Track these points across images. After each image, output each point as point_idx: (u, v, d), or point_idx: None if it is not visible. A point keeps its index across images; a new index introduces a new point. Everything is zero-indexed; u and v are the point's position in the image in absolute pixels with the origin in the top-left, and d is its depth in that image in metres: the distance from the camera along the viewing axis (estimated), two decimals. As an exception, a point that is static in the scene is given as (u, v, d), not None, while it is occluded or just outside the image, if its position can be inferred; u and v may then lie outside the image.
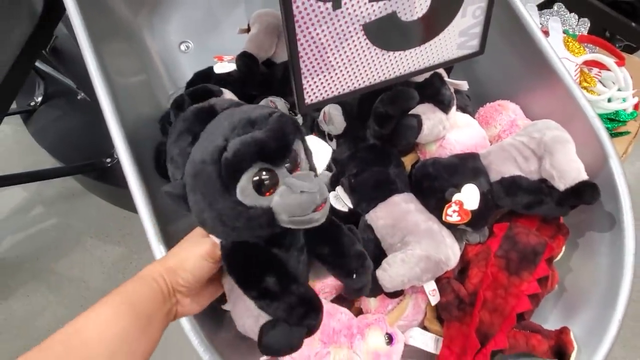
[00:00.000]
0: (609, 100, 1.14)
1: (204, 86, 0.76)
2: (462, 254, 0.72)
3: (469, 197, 0.66)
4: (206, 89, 0.75)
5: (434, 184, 0.67)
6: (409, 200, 0.69)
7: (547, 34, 1.10)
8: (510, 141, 0.68)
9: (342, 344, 0.63)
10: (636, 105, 1.21)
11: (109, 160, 1.19)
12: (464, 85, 0.72)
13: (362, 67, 0.45)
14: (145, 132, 0.78)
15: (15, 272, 1.25)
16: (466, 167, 0.67)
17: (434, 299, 0.65)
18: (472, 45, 0.49)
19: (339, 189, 0.70)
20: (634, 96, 1.15)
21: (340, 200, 0.69)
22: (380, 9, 0.41)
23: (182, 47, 0.93)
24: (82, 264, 1.26)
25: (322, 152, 0.45)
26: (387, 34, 0.43)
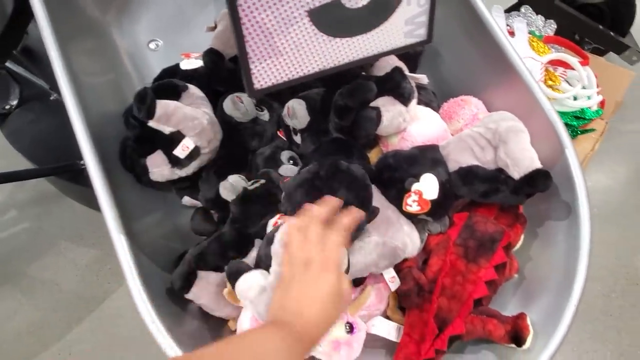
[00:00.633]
0: (575, 98, 1.17)
1: (169, 81, 0.78)
2: (424, 245, 0.73)
3: (428, 187, 0.67)
4: (171, 84, 0.76)
5: (394, 175, 0.69)
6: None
7: (512, 34, 1.13)
8: (467, 132, 0.70)
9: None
10: (602, 103, 1.25)
11: (82, 162, 1.19)
12: (424, 78, 0.74)
13: (310, 53, 0.47)
14: (112, 129, 0.78)
15: (-14, 275, 1.24)
16: (425, 157, 0.69)
17: (394, 286, 0.66)
18: (420, 34, 0.51)
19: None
20: (598, 94, 1.18)
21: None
22: (324, -5, 0.43)
23: (152, 46, 0.93)
24: (56, 266, 1.25)
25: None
26: (333, 20, 0.45)
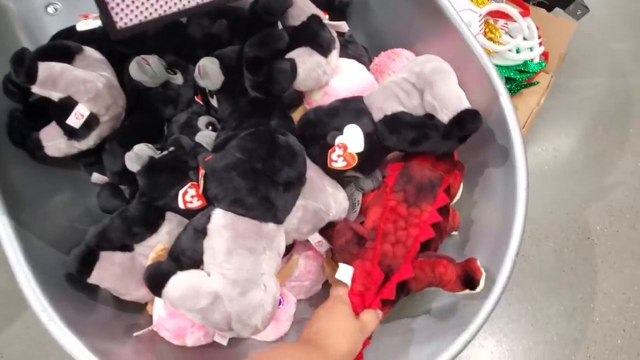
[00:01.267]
0: (517, 51, 1.13)
1: (58, 42, 0.69)
2: (362, 207, 0.69)
3: (352, 139, 0.61)
4: (60, 45, 0.68)
5: (315, 130, 0.63)
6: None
7: (450, -14, 1.07)
8: (392, 79, 0.64)
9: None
10: (545, 55, 1.22)
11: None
12: (344, 26, 0.68)
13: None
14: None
15: None
16: (348, 109, 0.63)
17: (323, 248, 0.61)
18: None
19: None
20: (540, 45, 1.15)
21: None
22: None
23: (50, 10, 0.84)
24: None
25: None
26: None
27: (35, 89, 0.60)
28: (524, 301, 1.16)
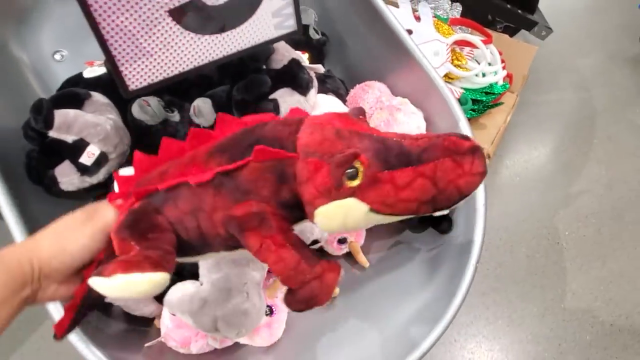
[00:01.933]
0: (483, 75, 1.24)
1: (69, 90, 0.78)
2: None
3: None
4: (71, 93, 0.77)
5: None
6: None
7: (419, 19, 1.18)
8: None
9: (221, 320, 0.66)
10: (510, 77, 1.33)
11: None
12: (320, 68, 0.78)
13: (180, 51, 0.49)
14: (16, 145, 0.77)
15: None
16: None
17: None
18: (289, 25, 0.54)
19: None
20: (503, 69, 1.26)
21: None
22: (182, -5, 0.45)
23: (57, 57, 0.92)
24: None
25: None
26: (197, 18, 0.47)
27: (51, 133, 0.69)
28: (501, 304, 1.26)
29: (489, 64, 1.24)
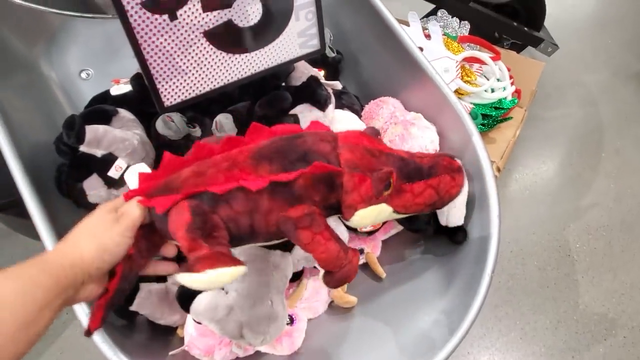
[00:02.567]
0: (492, 90, 1.27)
1: (98, 107, 0.81)
2: None
3: None
4: (100, 109, 0.80)
5: None
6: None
7: (429, 37, 1.22)
8: None
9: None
10: (518, 92, 1.36)
11: (26, 195, 1.19)
12: (337, 84, 0.81)
13: (213, 69, 0.52)
14: (47, 159, 0.80)
15: None
16: None
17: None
18: (313, 44, 0.57)
19: None
20: (512, 85, 1.29)
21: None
22: (216, 18, 0.48)
23: (83, 75, 0.96)
24: (8, 303, 1.24)
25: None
26: (229, 38, 0.50)
27: (82, 148, 0.72)
28: (513, 317, 1.26)
29: (497, 79, 1.27)
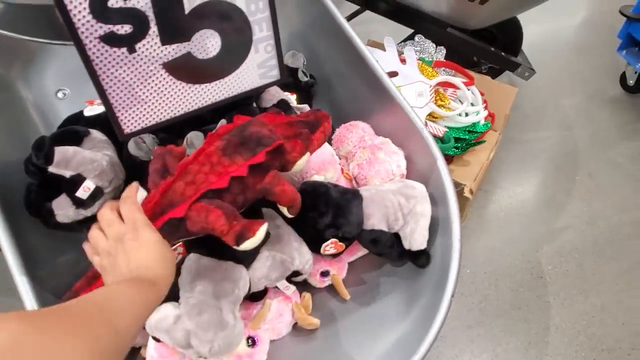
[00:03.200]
0: (466, 114, 1.30)
1: (69, 128, 0.83)
2: None
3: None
4: (71, 130, 0.82)
5: (312, 214, 0.76)
6: (264, 212, 0.78)
7: (404, 61, 1.25)
8: (391, 197, 0.79)
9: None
10: (492, 117, 1.39)
11: None
12: (306, 108, 0.84)
13: (173, 99, 0.54)
14: (17, 179, 0.81)
15: None
16: (350, 212, 0.76)
17: (289, 290, 0.74)
18: (273, 74, 0.59)
19: None
20: (485, 109, 1.32)
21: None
22: (175, 51, 0.50)
23: (60, 95, 0.98)
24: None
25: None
26: (188, 70, 0.52)
27: (51, 169, 0.73)
28: (485, 337, 1.28)
29: (471, 104, 1.30)
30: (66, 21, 0.42)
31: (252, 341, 0.73)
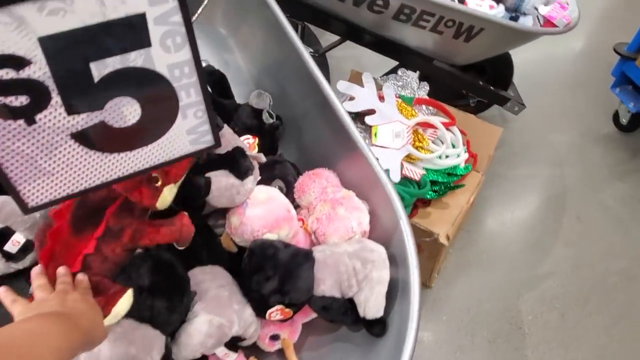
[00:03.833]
0: (447, 156, 1.25)
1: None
2: None
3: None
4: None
5: (254, 278, 0.71)
6: (208, 272, 0.73)
7: (382, 98, 1.20)
8: (346, 261, 0.74)
9: None
10: (474, 157, 1.34)
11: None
12: (261, 157, 0.80)
13: (86, 169, 0.48)
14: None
15: None
16: (299, 277, 0.71)
17: (229, 358, 0.69)
18: (207, 140, 0.54)
19: None
20: (467, 151, 1.27)
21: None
22: (84, 120, 0.45)
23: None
24: None
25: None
26: (103, 139, 0.47)
27: (-22, 221, 0.68)
28: (458, 392, 1.21)
29: (452, 145, 1.25)
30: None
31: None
